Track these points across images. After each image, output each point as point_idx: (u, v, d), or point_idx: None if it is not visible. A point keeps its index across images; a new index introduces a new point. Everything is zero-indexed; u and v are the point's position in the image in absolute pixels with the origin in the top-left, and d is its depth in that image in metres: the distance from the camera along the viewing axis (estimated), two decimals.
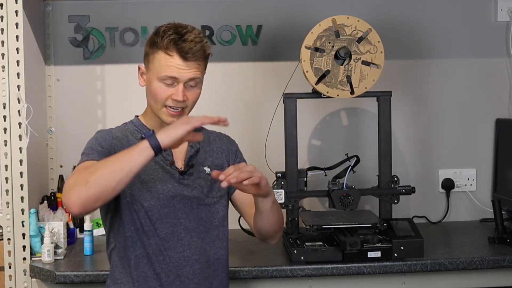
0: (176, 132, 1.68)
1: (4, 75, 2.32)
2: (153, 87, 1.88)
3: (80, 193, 1.66)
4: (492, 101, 2.98)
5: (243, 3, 2.88)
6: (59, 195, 2.67)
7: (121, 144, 1.89)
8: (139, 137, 1.92)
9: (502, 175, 2.90)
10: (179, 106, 1.86)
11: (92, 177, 1.66)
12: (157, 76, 1.86)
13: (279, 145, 2.51)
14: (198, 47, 1.84)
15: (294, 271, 2.24)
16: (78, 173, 1.74)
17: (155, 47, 1.87)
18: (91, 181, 1.66)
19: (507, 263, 2.30)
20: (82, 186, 1.66)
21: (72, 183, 1.70)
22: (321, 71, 2.37)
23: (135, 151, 1.67)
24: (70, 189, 1.69)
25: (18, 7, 2.31)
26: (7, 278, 2.33)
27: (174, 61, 1.83)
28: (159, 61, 1.85)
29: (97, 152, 1.84)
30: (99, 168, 1.68)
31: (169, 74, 1.84)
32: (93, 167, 1.71)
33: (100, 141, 1.88)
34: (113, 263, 1.93)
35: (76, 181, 1.68)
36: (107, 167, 1.68)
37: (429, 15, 2.93)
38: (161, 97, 1.87)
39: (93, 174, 1.67)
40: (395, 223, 2.38)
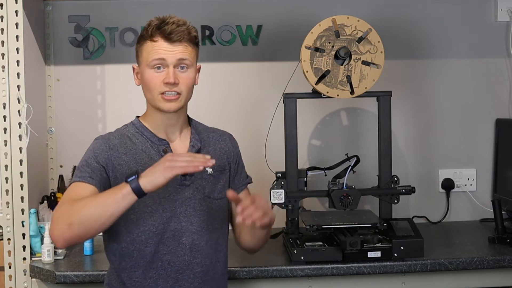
0: (158, 180, 1.68)
1: (4, 75, 2.32)
2: (145, 77, 1.89)
3: (63, 232, 1.70)
4: (492, 101, 2.98)
5: (243, 3, 2.88)
6: (59, 195, 2.67)
7: (118, 154, 1.87)
8: (140, 140, 1.91)
9: (502, 175, 2.90)
10: (174, 90, 1.86)
11: (76, 218, 1.69)
12: (147, 64, 1.88)
13: (279, 145, 2.51)
14: (182, 28, 1.88)
15: (294, 271, 2.24)
16: (65, 206, 1.75)
17: (141, 40, 1.91)
18: (74, 223, 1.69)
19: (507, 263, 2.30)
20: (65, 226, 1.70)
21: (57, 217, 1.73)
22: (321, 71, 2.37)
23: (118, 196, 1.69)
24: (55, 222, 1.73)
25: (18, 7, 2.31)
26: (7, 278, 2.33)
27: (160, 44, 1.86)
28: (146, 50, 1.88)
29: (91, 170, 1.83)
30: (83, 209, 1.70)
31: (156, 56, 1.86)
32: (77, 205, 1.72)
33: (97, 154, 1.86)
34: (111, 267, 1.93)
35: (61, 218, 1.72)
36: (90, 209, 1.70)
37: (429, 15, 2.93)
38: (153, 83, 1.87)
39: (76, 214, 1.70)
40: (395, 223, 2.38)
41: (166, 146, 1.92)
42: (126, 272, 1.87)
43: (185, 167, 1.69)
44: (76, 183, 1.82)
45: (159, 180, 1.69)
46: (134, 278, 1.86)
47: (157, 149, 1.91)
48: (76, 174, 1.85)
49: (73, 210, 1.71)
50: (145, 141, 1.91)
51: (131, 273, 1.86)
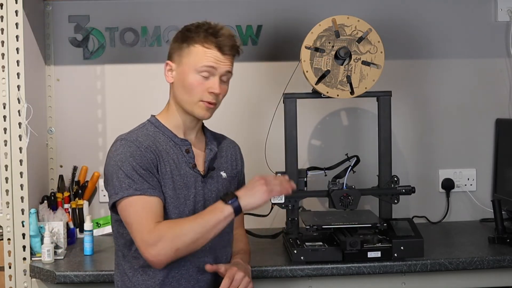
0: (257, 202, 1.82)
1: (4, 75, 2.32)
2: (189, 80, 1.89)
3: (169, 257, 1.78)
4: (492, 101, 2.98)
5: (243, 3, 2.88)
6: (59, 195, 2.67)
7: (151, 156, 1.86)
8: (162, 139, 1.91)
9: (502, 175, 2.90)
10: (213, 100, 1.90)
11: (182, 243, 1.77)
12: (195, 68, 1.88)
13: (279, 145, 2.51)
14: (234, 42, 1.91)
15: (294, 271, 2.24)
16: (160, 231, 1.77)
17: (190, 41, 1.90)
18: (181, 248, 1.78)
19: (507, 263, 2.30)
20: (171, 252, 1.77)
21: (155, 242, 1.76)
22: (321, 71, 2.37)
23: (221, 217, 1.79)
24: (158, 247, 1.76)
25: (18, 7, 2.31)
26: (7, 278, 2.33)
27: (213, 53, 1.88)
28: (196, 54, 1.88)
29: (144, 180, 1.82)
30: (188, 234, 1.78)
31: (207, 63, 1.88)
32: (179, 229, 1.78)
33: (138, 159, 1.84)
34: (125, 268, 1.91)
35: (163, 243, 1.76)
36: (196, 233, 1.78)
37: (429, 15, 2.93)
38: (198, 89, 1.89)
39: (181, 239, 1.77)
40: (395, 223, 2.38)
41: (188, 146, 1.94)
42: (150, 272, 1.87)
43: (279, 191, 1.85)
44: (137, 198, 1.80)
45: (258, 203, 1.82)
46: (158, 276, 1.87)
47: (179, 149, 1.92)
48: (128, 183, 1.81)
49: (177, 235, 1.77)
50: (168, 140, 1.92)
51: (155, 273, 1.87)
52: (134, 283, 1.89)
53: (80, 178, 2.79)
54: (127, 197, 1.81)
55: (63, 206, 2.64)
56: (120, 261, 1.95)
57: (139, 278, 1.89)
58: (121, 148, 1.86)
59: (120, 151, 1.86)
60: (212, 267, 1.89)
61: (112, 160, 1.86)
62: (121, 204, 1.83)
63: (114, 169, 1.84)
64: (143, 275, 1.88)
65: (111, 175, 1.86)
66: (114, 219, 1.92)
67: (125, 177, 1.82)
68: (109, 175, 1.87)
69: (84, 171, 2.81)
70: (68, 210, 2.65)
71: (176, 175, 1.89)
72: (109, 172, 1.87)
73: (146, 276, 1.88)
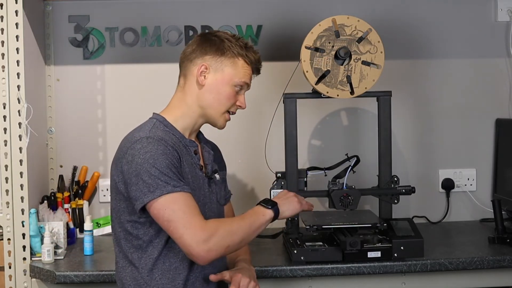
0: (292, 212, 1.95)
1: (4, 75, 2.32)
2: (225, 91, 1.93)
3: (219, 253, 1.79)
4: (492, 101, 2.98)
5: (243, 3, 2.88)
6: (59, 195, 2.67)
7: (179, 154, 1.85)
8: (172, 139, 1.87)
9: (502, 175, 2.90)
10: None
11: (232, 242, 1.81)
12: (234, 80, 1.93)
13: (279, 145, 2.52)
14: (260, 66, 2.03)
15: (294, 271, 2.24)
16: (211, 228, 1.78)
17: (234, 54, 1.94)
18: (231, 245, 1.81)
19: (507, 263, 2.30)
20: (222, 249, 1.79)
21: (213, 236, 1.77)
22: (321, 71, 2.37)
23: (263, 221, 1.88)
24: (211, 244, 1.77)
25: (18, 7, 2.31)
26: (7, 278, 2.33)
27: (250, 70, 1.97)
28: (237, 66, 1.94)
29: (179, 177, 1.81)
30: (237, 233, 1.82)
31: (246, 80, 1.96)
32: (229, 228, 1.81)
33: (170, 159, 1.80)
34: (137, 271, 1.88)
35: (215, 240, 1.77)
36: (244, 233, 1.84)
37: (429, 15, 2.93)
38: (230, 102, 1.95)
39: (231, 238, 1.80)
40: (395, 223, 2.38)
41: (196, 148, 1.96)
42: (171, 274, 1.86)
43: (307, 206, 2.00)
44: (178, 194, 1.78)
45: (292, 212, 1.95)
46: (178, 280, 1.86)
47: (188, 150, 1.91)
48: (160, 183, 1.76)
49: (229, 232, 1.80)
50: (177, 141, 1.90)
51: (176, 274, 1.86)
52: (153, 287, 1.86)
53: (80, 178, 2.79)
54: (166, 194, 1.76)
55: (63, 206, 2.64)
56: (129, 264, 1.88)
57: (158, 282, 1.85)
58: (150, 146, 1.79)
59: (149, 148, 1.78)
60: (216, 276, 1.89)
61: (140, 159, 1.77)
62: (160, 202, 1.76)
63: (144, 167, 1.76)
64: (162, 279, 1.85)
65: (139, 174, 1.77)
66: (128, 219, 1.85)
67: (161, 174, 1.76)
68: (137, 174, 1.78)
69: (84, 171, 2.81)
70: (68, 210, 2.65)
71: (192, 176, 1.88)
72: (136, 171, 1.78)
73: (165, 279, 1.85)
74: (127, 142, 1.84)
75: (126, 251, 1.89)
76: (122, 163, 1.82)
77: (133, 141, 1.82)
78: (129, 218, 1.85)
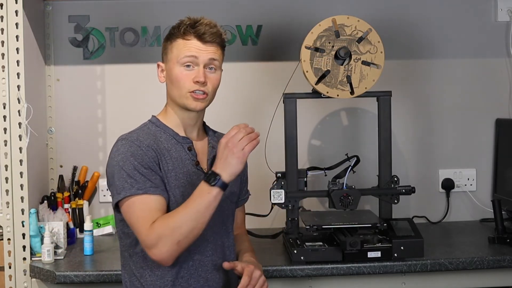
0: (237, 169, 1.78)
1: (4, 75, 2.32)
2: (174, 74, 1.91)
3: (173, 251, 1.78)
4: (492, 101, 2.98)
5: (243, 3, 2.88)
6: (59, 195, 2.67)
7: (153, 154, 1.86)
8: (164, 138, 1.91)
9: (502, 175, 2.90)
10: (202, 89, 1.90)
11: (181, 235, 1.76)
12: (177, 61, 1.91)
13: (279, 145, 2.51)
14: (214, 30, 1.92)
15: (294, 271, 2.24)
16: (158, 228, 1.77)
17: (172, 37, 1.93)
18: (181, 240, 1.77)
19: (507, 263, 2.30)
20: (174, 246, 1.77)
21: (157, 240, 1.76)
22: (321, 71, 2.37)
23: (211, 199, 1.77)
24: (160, 245, 1.76)
25: (18, 7, 2.31)
26: (7, 278, 2.33)
27: (193, 43, 1.90)
28: (177, 47, 1.91)
29: (146, 178, 1.82)
30: (184, 224, 1.76)
31: (188, 53, 1.89)
32: (173, 221, 1.77)
33: (139, 158, 1.83)
34: (134, 271, 1.90)
35: (164, 240, 1.76)
36: (191, 221, 1.77)
37: (429, 15, 2.93)
38: (183, 81, 1.90)
39: (179, 231, 1.76)
40: (395, 223, 2.38)
41: (190, 144, 1.95)
42: (160, 271, 1.86)
43: (251, 145, 1.79)
44: (138, 197, 1.80)
45: (237, 170, 1.78)
46: (168, 277, 1.87)
47: (182, 146, 1.92)
48: (131, 182, 1.80)
49: (173, 229, 1.76)
50: (169, 138, 1.93)
51: (164, 273, 1.86)
52: (143, 284, 1.88)
53: (80, 178, 2.79)
54: (129, 197, 1.81)
55: (63, 206, 2.64)
56: (127, 262, 1.93)
57: (147, 279, 1.88)
58: (122, 148, 1.86)
59: (121, 151, 1.85)
60: (229, 264, 1.88)
61: (113, 160, 1.86)
62: (124, 204, 1.83)
63: (116, 169, 1.84)
64: (152, 276, 1.87)
65: (113, 175, 1.85)
66: (119, 218, 1.91)
67: (127, 177, 1.82)
68: (111, 175, 1.87)
69: (84, 171, 2.81)
70: (68, 210, 2.65)
71: (180, 173, 1.89)
72: (111, 172, 1.87)
73: (154, 276, 1.87)
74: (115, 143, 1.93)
75: (122, 250, 1.95)
76: (106, 164, 1.92)
77: (116, 142, 1.90)
78: (119, 216, 1.90)
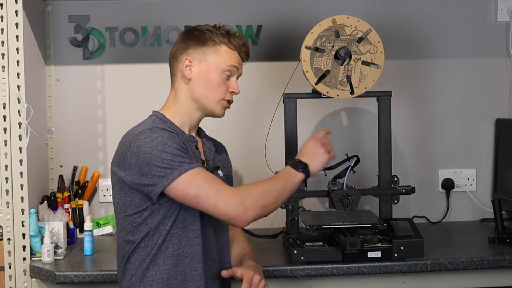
0: (321, 166, 1.92)
1: (4, 75, 2.32)
2: (214, 78, 1.93)
3: (258, 213, 1.83)
4: (492, 101, 2.98)
5: (243, 3, 2.88)
6: (59, 195, 2.67)
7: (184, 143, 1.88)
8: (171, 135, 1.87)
9: (502, 175, 2.90)
10: (232, 99, 1.99)
11: (267, 202, 1.84)
12: (221, 67, 1.93)
13: (279, 145, 2.51)
14: (248, 49, 2.01)
15: (294, 271, 2.24)
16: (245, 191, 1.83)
17: (215, 40, 1.94)
18: (266, 205, 1.84)
19: (507, 263, 2.30)
20: (260, 208, 1.82)
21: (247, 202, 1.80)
22: (321, 71, 2.37)
23: (295, 183, 1.89)
24: (246, 207, 1.80)
25: (18, 7, 2.31)
26: (7, 278, 2.33)
27: (236, 54, 1.96)
28: (221, 53, 1.94)
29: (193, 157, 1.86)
30: (271, 193, 1.85)
31: (233, 63, 1.94)
32: (262, 189, 1.85)
33: (177, 143, 1.83)
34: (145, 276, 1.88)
35: (253, 201, 1.81)
36: (278, 193, 1.86)
37: (429, 15, 2.93)
38: (222, 88, 1.94)
39: (266, 198, 1.84)
40: (395, 223, 2.38)
41: (196, 143, 1.97)
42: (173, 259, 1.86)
43: (333, 154, 1.96)
44: (196, 170, 1.79)
45: (322, 166, 1.93)
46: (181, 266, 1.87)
47: (189, 145, 1.92)
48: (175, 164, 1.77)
49: (262, 193, 1.83)
50: (177, 136, 1.90)
51: (178, 260, 1.86)
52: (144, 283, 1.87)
53: (80, 178, 2.79)
54: (185, 173, 1.77)
55: (63, 206, 2.64)
56: (124, 273, 1.91)
57: (150, 279, 1.87)
58: (154, 134, 1.80)
59: (154, 136, 1.80)
60: (228, 272, 1.90)
61: (147, 148, 1.78)
62: (181, 182, 1.76)
63: (154, 154, 1.77)
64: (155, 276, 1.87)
65: (150, 162, 1.77)
66: (129, 213, 1.85)
67: (173, 156, 1.77)
68: (148, 163, 1.77)
69: (84, 171, 2.81)
70: (68, 210, 2.65)
71: None
72: (146, 160, 1.77)
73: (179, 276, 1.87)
74: (129, 136, 1.85)
75: (128, 249, 1.91)
76: (126, 157, 1.82)
77: (136, 134, 1.83)
78: (130, 211, 1.86)
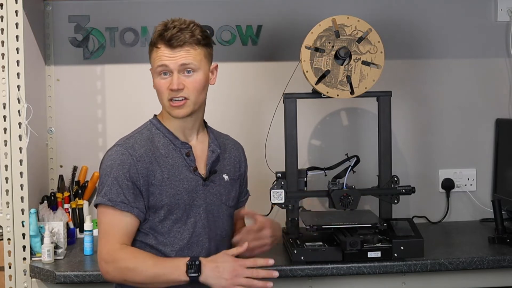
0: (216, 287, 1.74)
1: (4, 75, 2.32)
2: (155, 83, 1.91)
3: (115, 280, 1.84)
4: (492, 101, 2.98)
5: (243, 3, 2.88)
6: (59, 195, 2.67)
7: (145, 165, 1.86)
8: (162, 142, 1.90)
9: (502, 175, 2.90)
10: (180, 96, 1.86)
11: (129, 279, 1.79)
12: (154, 71, 1.89)
13: (279, 145, 2.51)
14: (183, 33, 1.85)
15: (294, 271, 2.24)
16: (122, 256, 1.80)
17: (150, 46, 1.91)
18: (128, 281, 1.80)
19: (507, 263, 2.30)
20: (119, 279, 1.82)
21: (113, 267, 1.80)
22: (321, 71, 2.37)
23: (175, 279, 1.76)
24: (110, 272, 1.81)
25: (18, 7, 2.31)
26: (7, 278, 2.33)
27: (162, 51, 1.86)
28: (152, 57, 1.90)
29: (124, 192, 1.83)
30: (138, 275, 1.78)
31: (159, 63, 1.86)
32: (132, 264, 1.78)
33: (126, 169, 1.84)
34: None
35: (113, 270, 1.80)
36: (145, 277, 1.77)
37: (429, 15, 2.93)
38: (161, 90, 1.88)
39: (130, 276, 1.79)
40: (395, 223, 2.38)
41: (189, 149, 1.93)
42: None
43: (249, 283, 1.75)
44: (109, 209, 1.82)
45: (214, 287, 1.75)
46: None
47: (179, 152, 1.91)
48: (106, 191, 1.83)
49: (129, 269, 1.79)
50: (168, 143, 1.91)
51: None
52: None
53: (80, 178, 2.79)
54: (101, 204, 1.85)
55: (63, 206, 2.64)
56: None
57: None
58: (114, 154, 1.87)
59: (112, 157, 1.87)
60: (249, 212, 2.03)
61: (103, 164, 1.89)
62: (98, 208, 1.88)
63: (102, 173, 1.88)
64: None
65: (100, 176, 1.90)
66: None
67: (107, 185, 1.84)
68: (100, 176, 1.91)
69: (84, 171, 2.81)
70: (68, 210, 2.65)
71: (175, 181, 1.87)
72: (100, 174, 1.92)
73: None
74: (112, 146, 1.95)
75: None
76: None
77: (112, 146, 1.92)
78: None
